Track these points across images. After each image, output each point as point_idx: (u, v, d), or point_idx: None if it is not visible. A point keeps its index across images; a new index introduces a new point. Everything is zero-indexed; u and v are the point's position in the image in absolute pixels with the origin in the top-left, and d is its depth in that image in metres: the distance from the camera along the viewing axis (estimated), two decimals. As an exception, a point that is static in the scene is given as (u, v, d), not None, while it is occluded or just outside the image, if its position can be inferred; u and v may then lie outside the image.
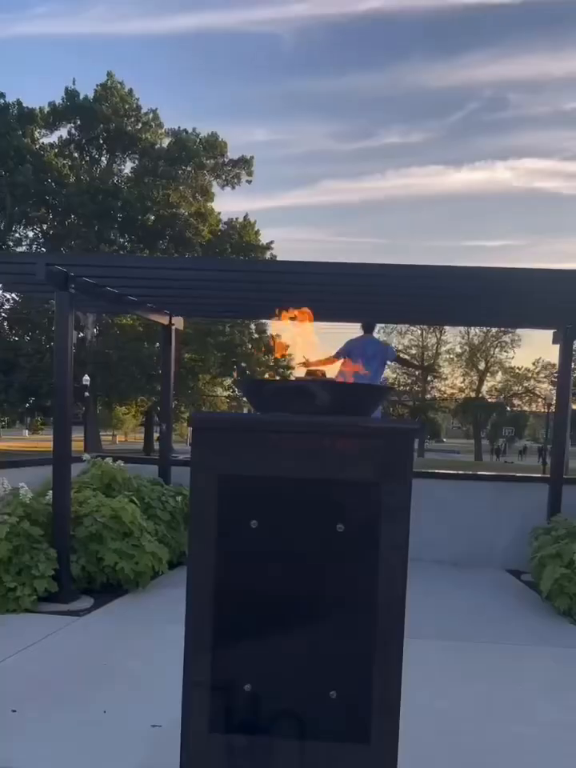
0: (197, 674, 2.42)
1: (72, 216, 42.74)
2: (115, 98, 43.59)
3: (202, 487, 2.35)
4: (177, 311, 9.55)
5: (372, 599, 2.34)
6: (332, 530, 2.36)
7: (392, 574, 2.33)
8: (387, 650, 2.35)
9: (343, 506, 2.37)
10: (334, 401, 2.46)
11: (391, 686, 2.33)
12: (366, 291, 7.75)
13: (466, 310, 8.84)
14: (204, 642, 2.39)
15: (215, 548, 2.35)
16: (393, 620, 2.33)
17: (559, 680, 5.48)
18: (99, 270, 7.22)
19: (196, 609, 2.38)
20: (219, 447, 2.35)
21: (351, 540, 2.36)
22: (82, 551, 7.17)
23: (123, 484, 8.53)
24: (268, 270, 7.94)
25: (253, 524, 2.37)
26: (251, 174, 46.33)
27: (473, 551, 9.65)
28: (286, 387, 2.53)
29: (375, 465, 2.33)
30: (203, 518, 2.36)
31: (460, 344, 64.27)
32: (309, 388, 2.48)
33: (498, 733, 4.44)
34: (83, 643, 5.90)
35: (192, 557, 2.37)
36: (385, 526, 2.33)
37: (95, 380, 40.66)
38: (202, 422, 2.41)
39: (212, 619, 2.37)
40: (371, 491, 2.33)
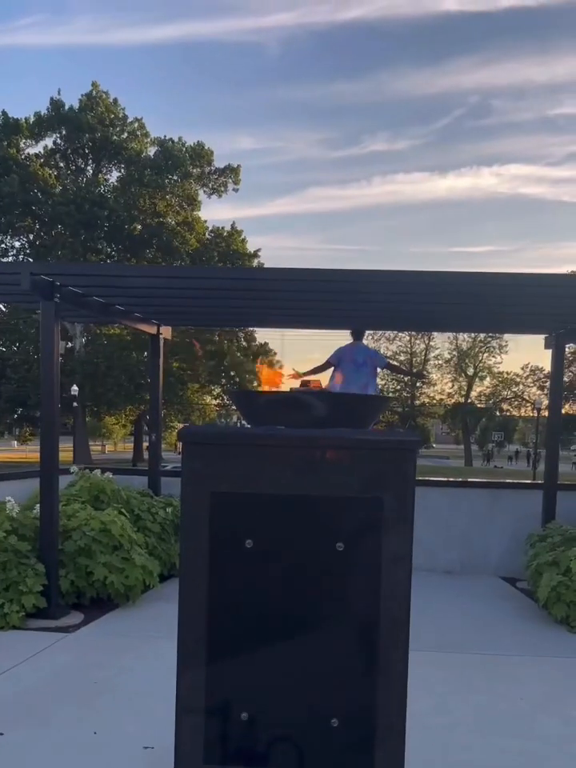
0: (189, 700, 2.31)
1: (58, 226, 42.63)
2: (100, 108, 43.58)
3: (193, 505, 2.23)
4: (165, 320, 9.43)
5: (374, 621, 2.22)
6: (332, 549, 2.24)
7: (395, 596, 2.22)
8: (391, 674, 2.24)
9: (343, 523, 2.25)
10: (331, 412, 2.35)
11: (396, 712, 2.22)
12: (355, 298, 7.65)
13: (457, 315, 8.76)
14: (197, 666, 2.28)
15: (208, 569, 2.23)
16: (396, 643, 2.22)
17: (560, 692, 5.36)
18: (85, 279, 7.10)
19: (188, 633, 2.26)
20: (211, 463, 2.23)
21: (352, 559, 2.24)
22: (71, 565, 7.03)
23: (112, 496, 8.39)
24: (256, 277, 7.82)
25: (248, 544, 2.25)
26: (238, 182, 46.36)
27: (466, 559, 9.56)
28: (280, 398, 2.41)
29: (376, 480, 2.21)
30: (195, 537, 2.24)
31: (448, 350, 64.37)
32: (305, 399, 2.37)
33: (501, 748, 4.33)
34: (73, 660, 5.76)
35: (183, 579, 2.25)
36: (387, 544, 2.22)
37: (84, 390, 40.47)
38: (193, 436, 2.28)
39: (205, 644, 2.26)
40: (372, 508, 2.22)
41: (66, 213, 40.32)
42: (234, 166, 45.93)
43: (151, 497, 9.16)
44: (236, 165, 46.04)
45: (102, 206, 41.27)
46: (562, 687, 5.47)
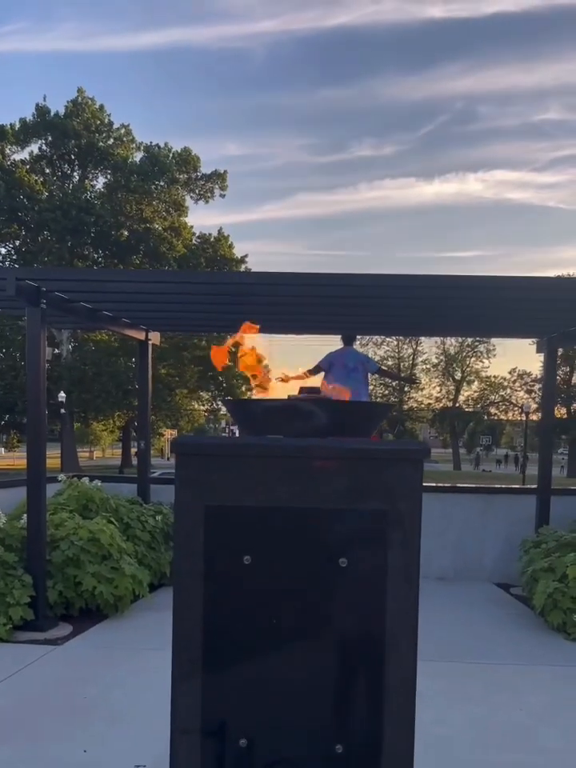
0: (185, 721, 2.19)
1: (45, 232, 42.43)
2: (86, 114, 43.47)
3: (188, 520, 2.11)
4: (153, 326, 9.32)
5: (380, 641, 2.11)
6: (335, 565, 2.12)
7: (402, 613, 2.10)
8: (398, 697, 2.12)
9: (347, 538, 2.13)
10: (332, 420, 2.24)
11: (404, 737, 2.11)
12: (345, 303, 7.56)
13: (450, 320, 8.68)
14: (193, 687, 2.16)
15: (203, 587, 2.11)
16: (404, 663, 2.11)
17: (560, 702, 5.27)
18: (72, 285, 6.97)
19: (183, 653, 2.14)
20: (206, 475, 2.10)
21: (356, 575, 2.12)
22: (59, 576, 6.89)
23: (101, 504, 8.26)
24: (245, 281, 7.73)
25: (246, 560, 2.12)
26: (225, 188, 46.28)
27: (460, 565, 9.47)
28: (279, 407, 2.29)
29: (381, 492, 2.10)
30: (189, 554, 2.11)
31: (436, 354, 64.41)
32: (305, 407, 2.26)
33: (501, 762, 4.23)
34: (62, 674, 5.63)
35: (178, 598, 2.13)
36: (393, 559, 2.10)
37: (71, 396, 40.26)
38: (186, 446, 2.16)
39: (201, 664, 2.14)
40: (377, 521, 2.11)
41: (52, 219, 40.14)
42: (220, 172, 45.86)
43: (141, 505, 9.04)
44: (223, 171, 46.00)
45: (89, 211, 41.09)
46: (561, 697, 5.38)
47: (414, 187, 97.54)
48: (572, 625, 6.73)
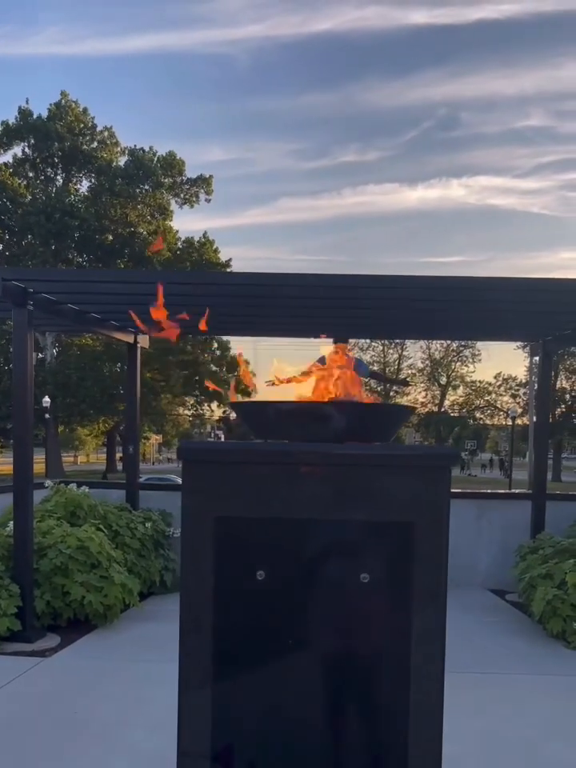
0: (192, 744, 2.03)
1: (28, 236, 42.10)
2: (70, 117, 43.19)
3: (196, 533, 1.94)
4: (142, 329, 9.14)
5: (405, 663, 1.95)
6: (356, 580, 1.96)
7: (428, 632, 1.95)
8: (426, 726, 1.97)
9: (369, 551, 1.97)
10: (352, 425, 2.07)
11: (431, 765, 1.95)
12: (335, 305, 7.41)
13: (443, 322, 8.54)
14: (201, 711, 2.00)
15: (213, 606, 1.95)
16: (431, 688, 1.96)
17: (564, 713, 5.13)
18: (60, 286, 6.79)
19: (193, 676, 1.98)
20: (217, 483, 1.94)
21: (379, 592, 1.97)
22: (47, 585, 6.70)
23: (89, 511, 8.06)
24: (236, 282, 7.55)
25: (259, 575, 1.96)
26: (210, 192, 46.07)
27: (454, 571, 9.25)
28: (294, 410, 2.12)
29: (407, 501, 1.94)
30: (197, 569, 1.95)
31: (421, 359, 64.40)
32: (324, 410, 2.09)
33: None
34: (50, 688, 5.45)
35: (185, 619, 1.97)
36: (418, 573, 1.95)
37: (55, 401, 39.94)
38: (195, 453, 1.99)
39: (210, 689, 1.97)
40: (402, 533, 1.95)
41: (35, 222, 39.83)
42: (205, 177, 45.66)
43: (130, 511, 8.85)
44: (208, 175, 45.80)
45: (73, 215, 40.80)
46: (566, 708, 5.24)
47: (397, 193, 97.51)
48: (572, 633, 6.59)
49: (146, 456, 59.29)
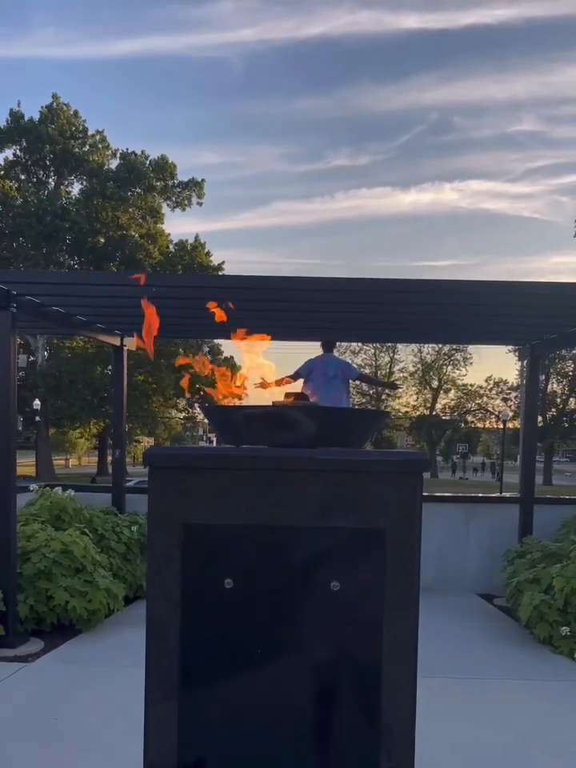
0: (159, 758, 1.99)
1: (20, 238, 42.01)
2: (61, 120, 43.16)
3: (162, 540, 1.91)
4: (129, 332, 9.09)
5: (376, 673, 1.92)
6: (326, 588, 1.93)
7: (401, 642, 1.91)
8: (397, 735, 1.93)
9: (339, 558, 1.94)
10: (323, 429, 2.04)
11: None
12: (325, 309, 7.38)
13: (430, 326, 8.52)
14: (167, 724, 1.95)
15: (180, 616, 1.91)
16: (402, 698, 1.92)
17: (548, 719, 5.09)
18: (45, 288, 6.74)
19: (158, 689, 1.94)
20: (183, 490, 1.90)
21: (349, 600, 1.93)
22: (30, 589, 6.64)
23: (74, 515, 8.01)
24: (223, 285, 7.51)
25: (227, 583, 1.93)
26: (202, 196, 46.06)
27: (442, 575, 9.29)
28: (264, 414, 2.08)
29: (378, 507, 1.91)
30: (164, 577, 1.91)
31: (413, 362, 64.41)
32: (293, 415, 2.05)
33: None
34: (33, 694, 5.39)
35: (151, 629, 1.93)
36: (390, 580, 1.91)
37: (46, 404, 39.86)
38: (160, 458, 1.95)
39: (177, 701, 1.93)
40: (373, 540, 1.92)
41: (27, 225, 39.77)
42: (197, 180, 45.66)
43: (116, 515, 8.80)
44: (200, 179, 45.81)
45: (64, 218, 40.76)
46: (550, 714, 5.20)
47: (390, 196, 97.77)
48: (559, 638, 6.57)
49: (137, 459, 59.15)
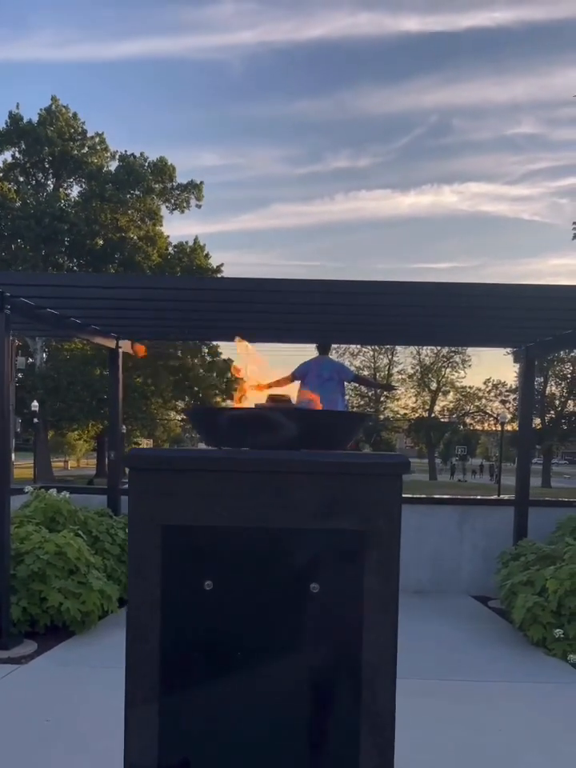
0: (139, 760, 1.99)
1: (18, 240, 42.02)
2: (60, 122, 43.20)
3: (142, 541, 1.92)
4: (124, 334, 9.09)
5: (356, 675, 1.92)
6: (305, 590, 1.93)
7: (379, 644, 1.92)
8: (376, 735, 1.94)
9: (318, 560, 1.94)
10: (303, 432, 2.04)
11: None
12: (321, 310, 7.39)
13: (426, 328, 8.53)
14: (148, 726, 1.96)
15: (160, 617, 1.92)
16: (382, 699, 1.92)
17: (543, 722, 5.09)
18: (39, 290, 6.73)
19: (138, 690, 1.94)
20: (163, 492, 1.90)
21: (329, 602, 1.94)
22: (24, 591, 6.64)
23: (69, 517, 8.01)
24: (218, 287, 7.52)
25: (207, 585, 1.93)
26: (201, 198, 46.15)
27: (437, 578, 9.30)
28: (245, 416, 2.08)
29: (358, 509, 1.91)
30: (144, 578, 1.92)
31: (411, 365, 64.45)
32: (273, 417, 2.06)
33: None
34: (25, 695, 5.39)
35: (131, 629, 1.94)
36: (369, 584, 1.91)
37: (44, 405, 39.88)
38: (140, 460, 1.95)
39: (157, 702, 1.94)
40: (352, 542, 1.92)
41: (25, 227, 39.81)
42: (197, 183, 45.72)
43: (111, 517, 8.80)
44: (199, 182, 45.87)
45: (63, 220, 40.81)
46: (545, 717, 5.20)
47: (389, 199, 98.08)
48: (552, 640, 6.56)
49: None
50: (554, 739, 4.78)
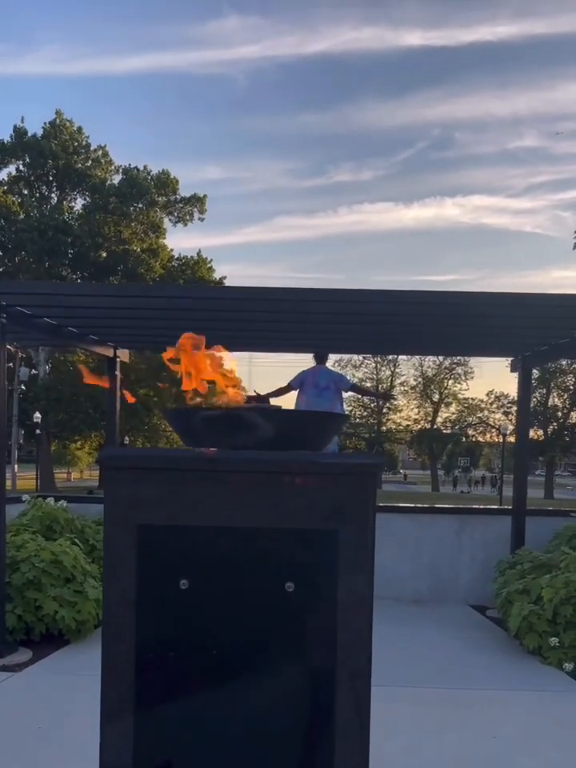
0: (114, 765, 2.00)
1: (22, 252, 42.16)
2: (64, 136, 43.39)
3: (117, 541, 1.93)
4: (122, 343, 9.12)
5: (330, 674, 1.93)
6: (280, 589, 1.94)
7: (355, 642, 1.92)
8: (350, 736, 1.94)
9: (293, 560, 1.95)
10: (280, 432, 2.05)
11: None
12: (320, 320, 7.40)
13: (423, 338, 8.55)
14: (123, 728, 1.97)
15: (135, 616, 1.92)
16: (356, 699, 1.93)
17: (537, 730, 5.08)
18: (34, 299, 6.76)
19: (112, 690, 1.96)
20: (137, 491, 1.91)
21: (304, 601, 1.95)
22: (19, 599, 6.65)
23: (65, 525, 8.03)
24: (216, 296, 7.54)
25: (182, 584, 1.94)
26: (204, 211, 46.28)
27: (435, 587, 9.30)
28: (220, 416, 2.10)
29: (332, 509, 1.92)
30: (119, 579, 1.93)
31: (414, 376, 64.45)
32: (249, 417, 2.07)
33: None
34: (18, 702, 5.40)
35: (107, 629, 1.95)
36: (344, 583, 1.92)
37: (47, 417, 39.91)
38: (114, 459, 1.97)
39: (133, 703, 1.95)
40: (327, 541, 1.93)
41: (29, 239, 39.91)
42: (200, 196, 45.87)
43: (108, 526, 8.80)
44: (202, 195, 46.01)
45: (66, 232, 40.92)
46: (539, 724, 5.19)
47: (392, 212, 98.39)
48: (548, 648, 6.56)
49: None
50: (548, 747, 4.77)
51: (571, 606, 6.54)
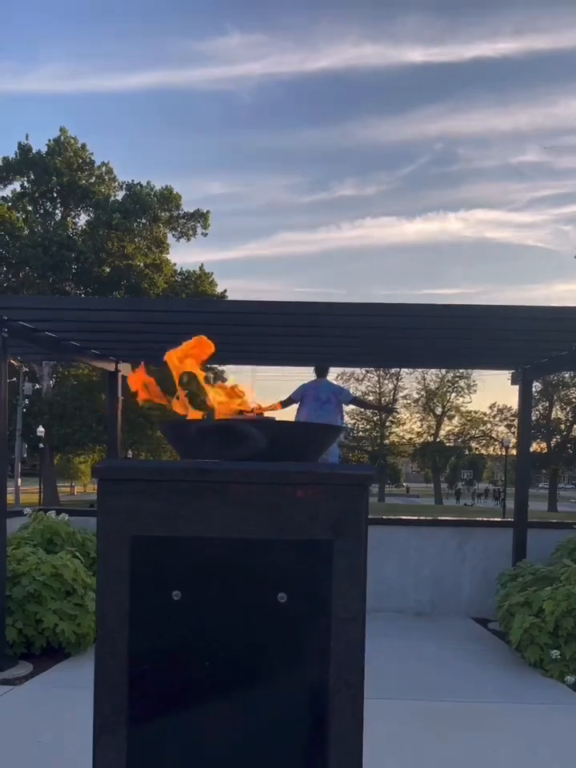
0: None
1: (26, 268, 42.34)
2: (68, 153, 43.66)
3: (111, 552, 1.93)
4: (123, 357, 9.14)
5: (323, 687, 1.93)
6: (273, 600, 1.95)
7: (347, 652, 1.93)
8: (344, 746, 1.94)
9: (286, 570, 1.95)
10: (274, 443, 2.07)
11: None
12: (321, 333, 7.42)
13: (424, 351, 8.56)
14: (116, 742, 1.96)
15: (128, 628, 1.93)
16: (350, 711, 1.93)
17: (538, 744, 5.05)
18: (35, 313, 6.79)
19: (106, 703, 1.95)
20: (132, 503, 1.92)
21: (296, 612, 1.95)
22: (19, 613, 6.64)
23: (66, 538, 8.02)
24: (216, 310, 7.56)
25: (175, 595, 1.95)
26: (207, 227, 46.56)
27: (437, 599, 9.28)
28: (214, 427, 2.11)
29: (324, 519, 1.93)
30: (114, 590, 1.93)
31: (417, 389, 64.48)
32: (243, 428, 2.09)
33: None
34: (18, 717, 5.39)
35: (100, 641, 1.95)
36: (337, 593, 1.93)
37: (51, 430, 39.95)
38: (109, 471, 1.98)
39: (126, 717, 1.94)
40: (320, 551, 1.94)
41: (33, 255, 40.11)
42: (203, 212, 46.13)
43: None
44: (205, 210, 46.30)
45: (70, 248, 41.10)
46: (540, 739, 5.17)
47: (395, 226, 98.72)
48: (549, 661, 6.54)
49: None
50: (549, 760, 4.76)
51: (572, 619, 6.53)
